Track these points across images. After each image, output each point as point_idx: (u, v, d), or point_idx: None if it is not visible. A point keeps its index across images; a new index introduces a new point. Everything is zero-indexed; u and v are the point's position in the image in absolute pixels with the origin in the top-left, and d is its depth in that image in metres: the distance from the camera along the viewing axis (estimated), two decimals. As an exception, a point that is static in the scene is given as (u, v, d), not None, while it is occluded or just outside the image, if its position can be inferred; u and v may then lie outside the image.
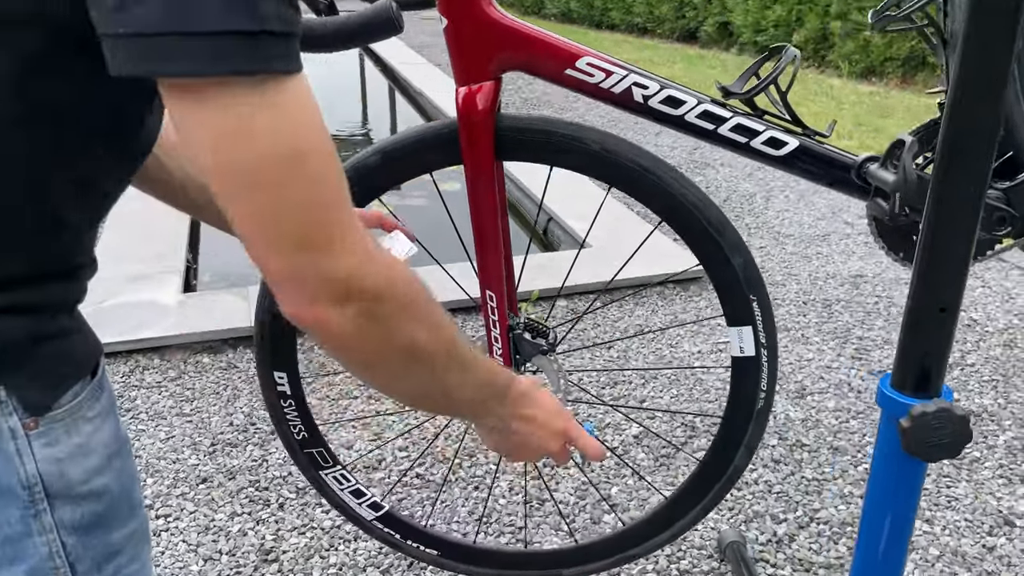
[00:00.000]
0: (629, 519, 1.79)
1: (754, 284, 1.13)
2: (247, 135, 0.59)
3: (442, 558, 1.50)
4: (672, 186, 1.10)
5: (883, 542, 0.95)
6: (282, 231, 0.62)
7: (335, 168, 0.65)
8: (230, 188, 0.62)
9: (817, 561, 1.85)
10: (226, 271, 3.55)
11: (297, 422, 1.37)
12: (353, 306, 0.65)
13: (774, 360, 1.17)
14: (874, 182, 1.01)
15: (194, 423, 2.37)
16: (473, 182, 1.14)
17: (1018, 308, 2.99)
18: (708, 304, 3.03)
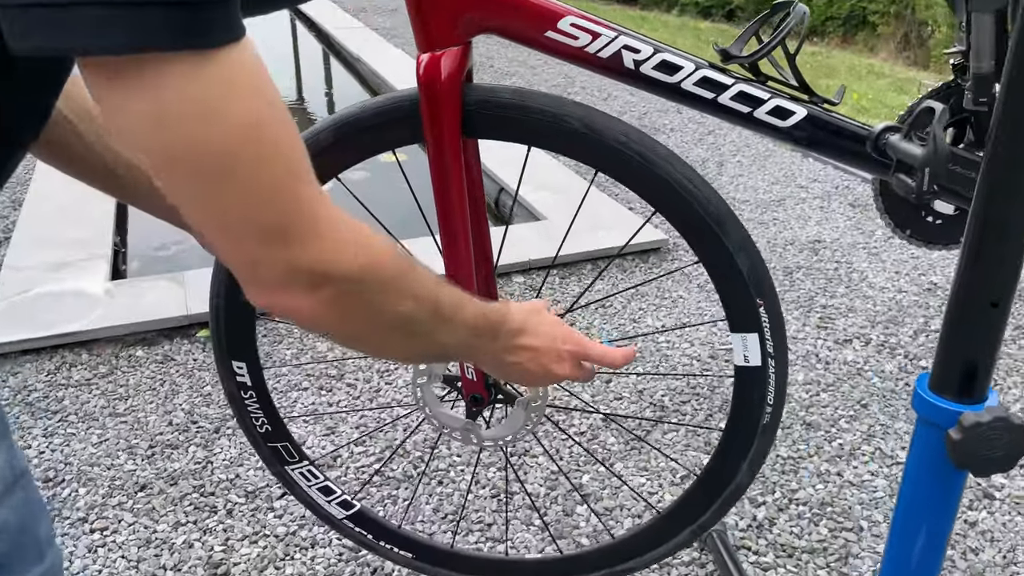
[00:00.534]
0: (619, 533, 1.69)
1: (762, 287, 1.01)
2: (193, 117, 0.52)
3: (417, 561, 1.38)
4: (668, 174, 0.97)
5: (915, 558, 0.85)
6: (242, 220, 0.56)
7: (295, 143, 0.58)
8: (177, 179, 0.55)
9: (799, 546, 1.78)
10: (158, 254, 3.33)
11: (260, 415, 1.26)
12: (328, 290, 0.61)
13: (783, 371, 1.05)
14: (896, 155, 0.91)
15: (129, 424, 2.18)
16: (437, 163, 0.99)
17: (976, 270, 2.97)
18: (670, 277, 2.94)
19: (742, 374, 1.06)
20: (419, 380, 1.14)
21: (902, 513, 0.86)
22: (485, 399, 1.12)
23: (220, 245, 0.59)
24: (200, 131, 0.52)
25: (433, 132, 0.97)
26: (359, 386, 2.33)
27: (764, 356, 1.03)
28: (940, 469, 0.80)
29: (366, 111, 1.01)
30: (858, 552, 1.76)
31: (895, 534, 0.87)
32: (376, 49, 6.31)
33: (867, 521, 1.84)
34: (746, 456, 1.11)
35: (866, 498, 1.91)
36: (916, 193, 0.88)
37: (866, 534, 1.81)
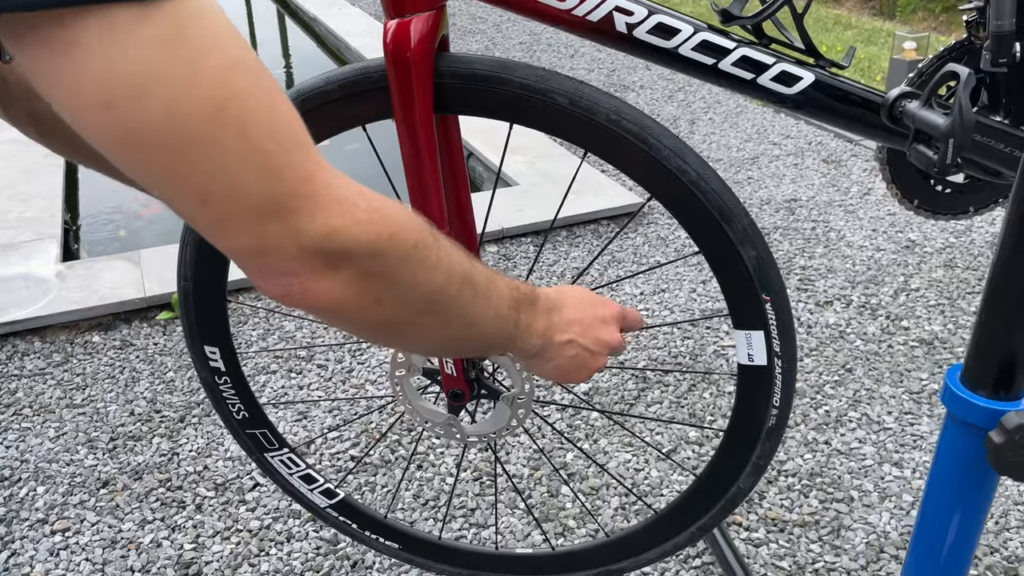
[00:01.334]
0: (613, 530, 1.62)
1: (769, 282, 0.92)
2: (154, 82, 0.42)
3: (404, 552, 1.31)
4: (666, 157, 0.88)
5: (943, 558, 0.79)
6: (231, 200, 0.47)
7: (278, 102, 0.48)
8: (144, 161, 0.45)
9: (790, 519, 1.74)
10: (112, 233, 3.18)
11: (236, 400, 1.18)
12: (348, 268, 0.52)
13: (791, 372, 0.97)
14: (916, 125, 0.83)
15: (88, 415, 2.08)
16: (407, 141, 0.89)
17: (952, 226, 2.93)
18: (645, 240, 2.87)
19: (746, 373, 0.99)
20: (398, 372, 1.06)
21: (929, 514, 0.80)
22: (466, 395, 1.04)
23: (214, 234, 0.49)
24: (157, 104, 0.43)
25: (402, 107, 0.87)
26: (330, 367, 2.24)
27: (770, 355, 0.96)
28: (973, 470, 0.74)
29: (330, 83, 0.90)
30: (850, 524, 1.72)
31: (921, 533, 0.81)
32: (332, 7, 6.09)
33: (857, 491, 1.81)
34: (749, 459, 1.04)
35: (855, 467, 1.88)
36: (939, 165, 0.80)
37: (857, 504, 1.77)
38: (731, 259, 0.91)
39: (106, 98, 0.42)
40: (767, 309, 0.93)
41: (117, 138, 0.44)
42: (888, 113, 0.87)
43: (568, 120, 0.86)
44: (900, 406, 2.06)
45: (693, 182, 0.88)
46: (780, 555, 1.66)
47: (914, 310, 2.46)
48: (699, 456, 1.91)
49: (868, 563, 1.64)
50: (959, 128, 0.78)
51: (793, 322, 0.97)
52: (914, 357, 2.24)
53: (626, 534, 1.20)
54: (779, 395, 0.99)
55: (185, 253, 1.08)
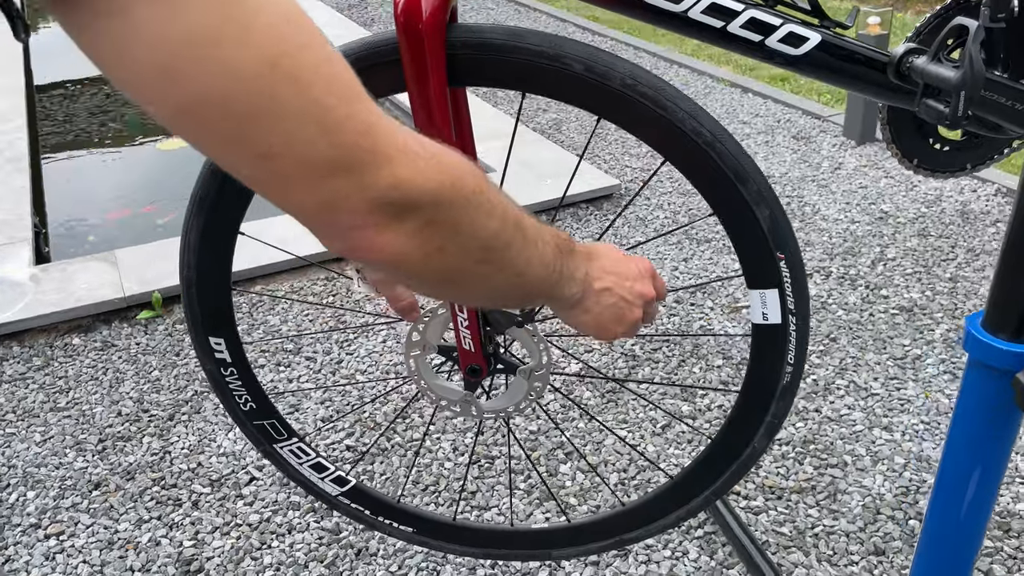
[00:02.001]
0: (629, 500, 1.63)
1: (783, 239, 0.93)
2: (208, 44, 0.41)
3: (418, 535, 1.31)
4: (682, 120, 0.88)
5: (964, 506, 0.81)
6: (297, 158, 0.46)
7: (333, 57, 0.47)
8: (204, 126, 0.45)
9: (787, 486, 1.77)
10: (83, 232, 3.12)
11: (242, 392, 1.16)
12: (412, 219, 0.51)
13: (804, 329, 0.98)
14: (925, 80, 0.84)
15: (74, 418, 2.04)
16: (420, 116, 0.89)
17: (922, 196, 2.99)
18: (625, 222, 2.88)
19: (760, 333, 1.00)
20: (412, 352, 1.05)
21: (951, 460, 0.81)
22: (484, 369, 1.04)
23: (278, 194, 0.49)
24: (214, 66, 0.42)
25: (416, 80, 0.86)
26: (319, 359, 2.22)
27: (784, 313, 0.97)
28: (997, 412, 0.76)
29: (388, 43, 0.89)
30: (845, 488, 1.75)
31: (944, 480, 0.83)
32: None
33: (850, 456, 1.84)
34: (763, 420, 1.05)
35: (846, 432, 1.91)
36: (950, 118, 0.81)
37: (851, 469, 1.80)
38: (746, 219, 0.92)
39: (163, 65, 0.42)
40: (782, 267, 0.94)
41: (176, 104, 0.44)
42: (896, 70, 0.88)
43: (583, 87, 0.87)
44: (885, 372, 2.10)
45: (709, 144, 0.89)
46: (780, 521, 1.68)
47: (892, 279, 2.50)
48: (692, 430, 1.93)
49: (866, 524, 1.67)
50: (970, 80, 0.80)
51: (806, 279, 0.98)
52: (895, 324, 2.28)
53: (641, 502, 1.20)
54: (793, 353, 1.00)
55: (189, 242, 1.06)
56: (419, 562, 1.61)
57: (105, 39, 0.42)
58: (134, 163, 3.81)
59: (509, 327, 1.01)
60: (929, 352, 2.16)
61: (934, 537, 0.85)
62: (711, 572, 1.57)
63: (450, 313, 1.01)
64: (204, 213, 1.03)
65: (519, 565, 1.60)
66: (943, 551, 0.84)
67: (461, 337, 1.02)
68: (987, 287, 2.41)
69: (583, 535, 1.24)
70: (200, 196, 1.02)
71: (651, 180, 3.09)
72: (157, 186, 3.50)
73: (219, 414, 2.03)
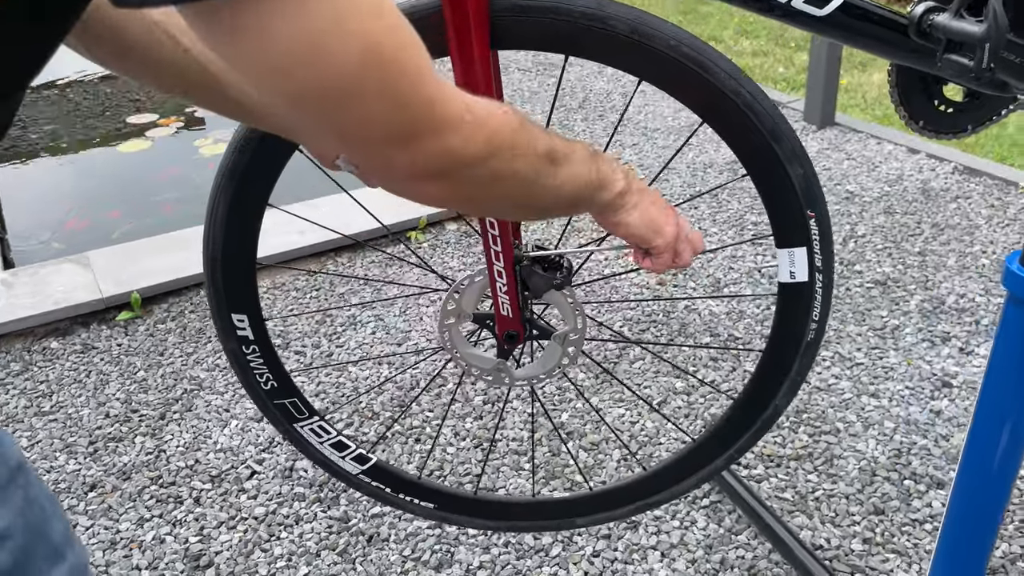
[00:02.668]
0: (650, 464, 1.65)
1: (814, 199, 0.96)
2: (311, 57, 0.49)
3: (439, 511, 1.31)
4: (723, 81, 0.91)
5: (1000, 448, 0.85)
6: (370, 134, 0.55)
7: (413, 44, 0.55)
8: (301, 115, 0.53)
9: (785, 454, 1.81)
10: (46, 238, 3.03)
11: (264, 370, 1.15)
12: (454, 176, 0.61)
13: (829, 287, 1.01)
14: (948, 35, 0.88)
15: (60, 421, 1.99)
16: (464, 79, 0.90)
17: (884, 175, 3.08)
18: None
19: (787, 291, 1.03)
20: (447, 321, 1.06)
21: (991, 395, 0.85)
22: (520, 335, 1.05)
23: (344, 153, 0.59)
24: (321, 68, 0.50)
25: (459, 44, 0.87)
26: (308, 352, 2.20)
27: (812, 271, 1.00)
28: (1036, 346, 0.79)
29: (431, 8, 0.89)
30: (841, 453, 1.81)
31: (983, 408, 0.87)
32: None
33: (842, 423, 1.89)
34: (787, 376, 1.08)
35: (836, 401, 1.96)
36: (975, 70, 0.85)
37: (844, 435, 1.86)
38: (779, 178, 0.95)
39: (277, 68, 0.49)
40: (812, 226, 0.97)
41: (290, 98, 0.51)
42: (917, 29, 0.92)
43: (628, 48, 0.88)
44: (867, 342, 2.16)
45: (748, 104, 0.91)
46: (781, 487, 1.73)
47: (864, 255, 2.58)
48: (689, 405, 1.97)
49: (863, 487, 1.72)
50: (994, 32, 0.84)
51: (832, 238, 1.02)
52: (872, 297, 2.35)
53: (663, 466, 1.23)
54: (818, 309, 1.03)
55: (216, 216, 1.05)
56: (432, 545, 1.61)
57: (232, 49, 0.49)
58: (95, 167, 3.72)
59: (548, 291, 1.02)
60: (906, 322, 2.23)
61: (975, 462, 0.88)
62: (720, 539, 1.61)
63: (488, 280, 1.02)
64: (233, 185, 1.02)
65: (532, 541, 1.61)
66: (983, 476, 0.88)
67: (500, 303, 1.03)
68: (954, 259, 2.50)
69: (607, 501, 1.26)
70: (229, 168, 1.01)
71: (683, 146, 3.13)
72: (120, 190, 3.43)
73: (212, 411, 2.00)
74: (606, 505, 1.27)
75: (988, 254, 2.52)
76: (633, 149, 3.38)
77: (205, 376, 2.12)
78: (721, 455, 1.19)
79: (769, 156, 0.94)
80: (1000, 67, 0.96)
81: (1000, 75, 0.98)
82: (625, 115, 3.75)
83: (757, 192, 0.99)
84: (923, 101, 1.11)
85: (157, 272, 2.45)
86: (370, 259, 2.61)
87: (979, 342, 2.13)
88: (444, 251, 2.66)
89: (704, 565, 1.56)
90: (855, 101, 3.96)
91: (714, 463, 1.20)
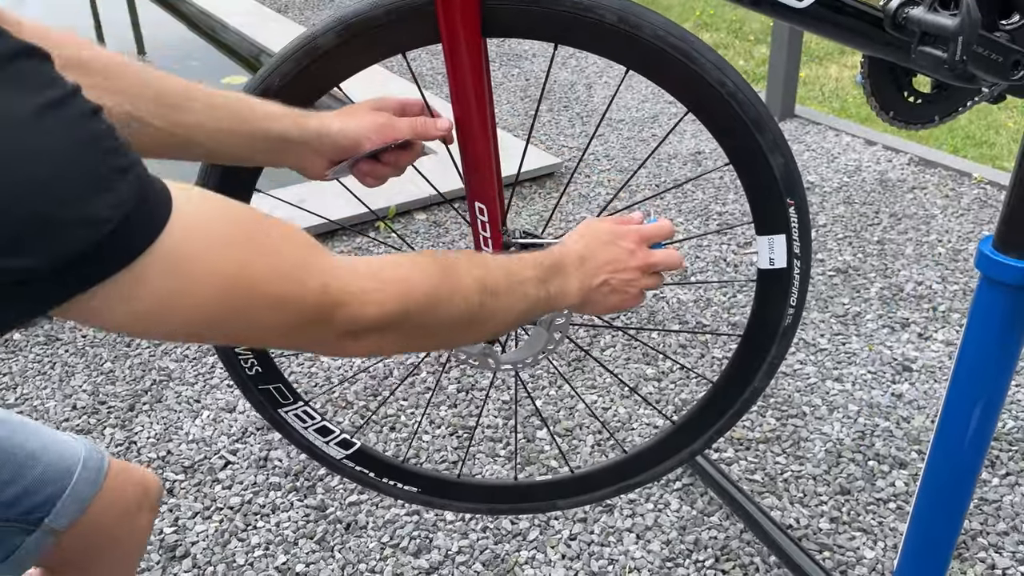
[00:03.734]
0: (631, 446, 1.68)
1: (792, 186, 0.99)
2: (178, 308, 0.55)
3: (423, 495, 1.32)
4: (708, 71, 0.93)
5: (971, 427, 0.89)
6: (281, 330, 0.61)
7: (282, 238, 0.61)
8: (209, 338, 0.65)
9: (753, 437, 1.86)
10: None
11: (248, 355, 1.15)
12: (375, 334, 0.66)
13: (807, 272, 1.04)
14: (922, 28, 0.91)
15: (26, 413, 1.95)
16: (455, 66, 0.91)
17: (843, 166, 3.16)
18: (568, 199, 2.94)
19: (766, 277, 1.06)
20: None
21: (959, 383, 0.89)
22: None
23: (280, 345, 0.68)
24: (190, 312, 0.55)
25: (450, 31, 0.88)
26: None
27: (790, 257, 1.03)
28: (1008, 326, 0.83)
29: (377, 8, 0.90)
30: (807, 436, 1.86)
31: (949, 406, 0.90)
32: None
33: (808, 407, 1.94)
34: (764, 360, 1.11)
35: (801, 385, 2.01)
36: (948, 62, 0.89)
37: (810, 418, 1.91)
38: (761, 167, 0.98)
39: (156, 324, 0.56)
40: (791, 213, 1.00)
41: (184, 339, 0.62)
42: (892, 22, 0.95)
43: (614, 37, 0.90)
44: (830, 329, 2.22)
45: (731, 94, 0.94)
46: (751, 470, 1.77)
47: (825, 243, 2.64)
48: (660, 391, 2.00)
49: (830, 467, 1.77)
50: (967, 25, 0.87)
51: (811, 225, 1.05)
52: (833, 285, 2.41)
53: (643, 448, 1.25)
54: (796, 295, 1.06)
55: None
56: (410, 531, 1.62)
57: (98, 325, 0.55)
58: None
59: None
60: (867, 309, 2.29)
61: (947, 443, 0.92)
62: (693, 520, 1.65)
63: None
64: (218, 170, 1.02)
65: (509, 526, 1.63)
66: (953, 460, 0.92)
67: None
68: (911, 248, 2.58)
69: (589, 483, 1.28)
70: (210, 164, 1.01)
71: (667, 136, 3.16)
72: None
73: (183, 401, 1.98)
74: (588, 487, 1.29)
75: (944, 243, 2.60)
76: (599, 140, 3.41)
77: (175, 367, 2.10)
78: (703, 435, 1.22)
79: (751, 146, 0.96)
80: (971, 60, 1.00)
81: (971, 68, 1.02)
82: (590, 107, 3.78)
83: (739, 180, 1.01)
84: (893, 92, 1.15)
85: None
86: (339, 247, 2.61)
87: (937, 328, 2.20)
88: (413, 240, 2.66)
89: (678, 546, 1.59)
90: (813, 93, 4.05)
91: (695, 444, 1.23)
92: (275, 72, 0.97)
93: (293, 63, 0.95)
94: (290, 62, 0.96)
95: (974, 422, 0.89)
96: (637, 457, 1.26)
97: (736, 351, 1.15)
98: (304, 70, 0.95)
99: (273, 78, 0.97)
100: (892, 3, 0.96)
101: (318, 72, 0.95)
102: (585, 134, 3.48)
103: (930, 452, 1.03)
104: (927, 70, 0.97)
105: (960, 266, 2.47)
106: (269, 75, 0.97)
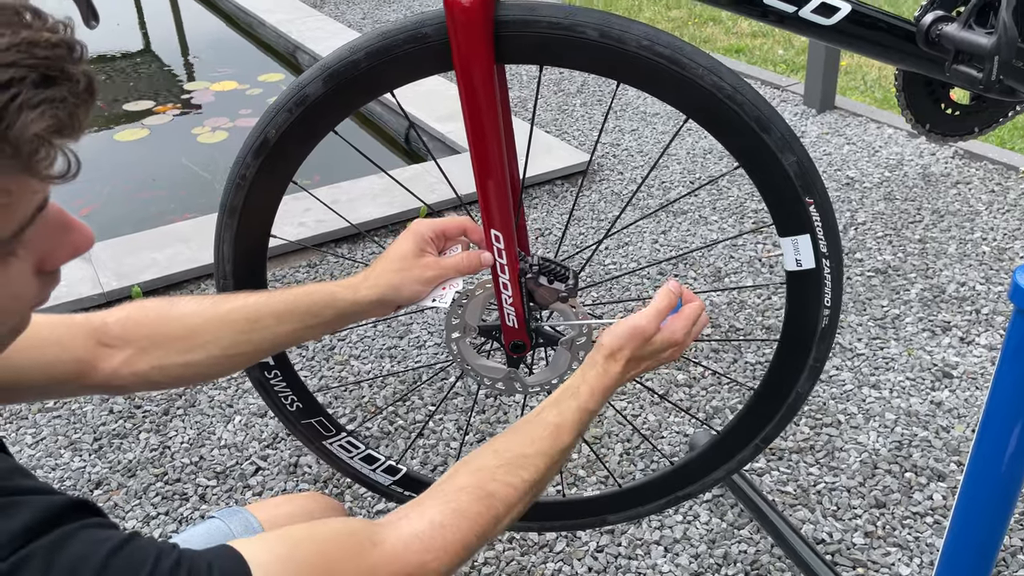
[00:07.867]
0: (677, 459, 1.66)
1: (811, 184, 0.96)
2: None
3: None
4: (701, 76, 0.91)
5: (1007, 456, 0.86)
6: None
7: (336, 543, 0.66)
8: None
9: (786, 447, 1.82)
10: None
11: (288, 393, 1.17)
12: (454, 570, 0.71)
13: (839, 271, 1.01)
14: (957, 46, 0.87)
15: (64, 418, 1.99)
16: (469, 96, 0.89)
17: (884, 160, 3.08)
18: (601, 197, 2.91)
19: (795, 279, 1.03)
20: (454, 335, 1.06)
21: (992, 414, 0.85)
22: (527, 345, 1.05)
23: None
24: None
25: (464, 61, 0.87)
26: (311, 346, 2.20)
27: (818, 257, 1.00)
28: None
29: (402, 33, 0.90)
30: (842, 446, 1.82)
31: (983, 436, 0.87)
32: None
33: (843, 415, 1.90)
34: (805, 364, 1.08)
35: (837, 392, 1.97)
36: (984, 82, 0.85)
37: (845, 427, 1.87)
38: (772, 167, 0.95)
39: None
40: (812, 212, 0.97)
41: None
42: (925, 38, 0.91)
43: (600, 53, 0.88)
44: (868, 333, 2.17)
45: (729, 96, 0.91)
46: (783, 481, 1.74)
47: (864, 243, 2.58)
48: (690, 397, 1.98)
49: (865, 480, 1.73)
50: (1004, 45, 0.84)
51: (836, 222, 1.01)
52: (872, 286, 2.36)
53: (689, 459, 1.23)
54: (830, 295, 1.03)
55: (222, 250, 1.06)
56: (437, 541, 1.62)
57: None
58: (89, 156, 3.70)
59: (553, 302, 1.02)
60: (907, 312, 2.24)
61: (987, 454, 0.89)
62: (723, 533, 1.62)
63: (493, 292, 1.02)
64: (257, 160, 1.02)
65: (536, 537, 1.62)
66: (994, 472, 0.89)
67: (505, 315, 1.03)
68: (954, 247, 2.50)
69: (638, 497, 1.26)
70: (230, 206, 1.03)
71: (671, 144, 3.13)
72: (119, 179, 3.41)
73: (215, 406, 2.01)
74: (638, 500, 1.27)
75: (988, 241, 2.52)
76: (632, 135, 3.37)
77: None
78: (748, 444, 1.19)
79: (758, 147, 0.94)
80: (1009, 75, 0.95)
81: (1009, 82, 0.97)
82: (625, 101, 3.73)
83: (753, 183, 0.98)
84: (929, 104, 1.11)
85: (158, 265, 2.45)
86: (370, 250, 2.61)
87: (979, 331, 2.14)
88: (444, 241, 2.65)
89: (707, 560, 1.57)
90: (855, 83, 3.94)
91: (742, 452, 1.21)
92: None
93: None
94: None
95: (1016, 432, 0.86)
96: (684, 468, 1.24)
97: (775, 355, 1.12)
98: (323, 99, 0.96)
99: None
100: (926, 18, 0.92)
101: (341, 101, 0.96)
102: (619, 129, 3.44)
103: (969, 464, 1.00)
104: (965, 88, 0.93)
105: (1005, 266, 2.40)
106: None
